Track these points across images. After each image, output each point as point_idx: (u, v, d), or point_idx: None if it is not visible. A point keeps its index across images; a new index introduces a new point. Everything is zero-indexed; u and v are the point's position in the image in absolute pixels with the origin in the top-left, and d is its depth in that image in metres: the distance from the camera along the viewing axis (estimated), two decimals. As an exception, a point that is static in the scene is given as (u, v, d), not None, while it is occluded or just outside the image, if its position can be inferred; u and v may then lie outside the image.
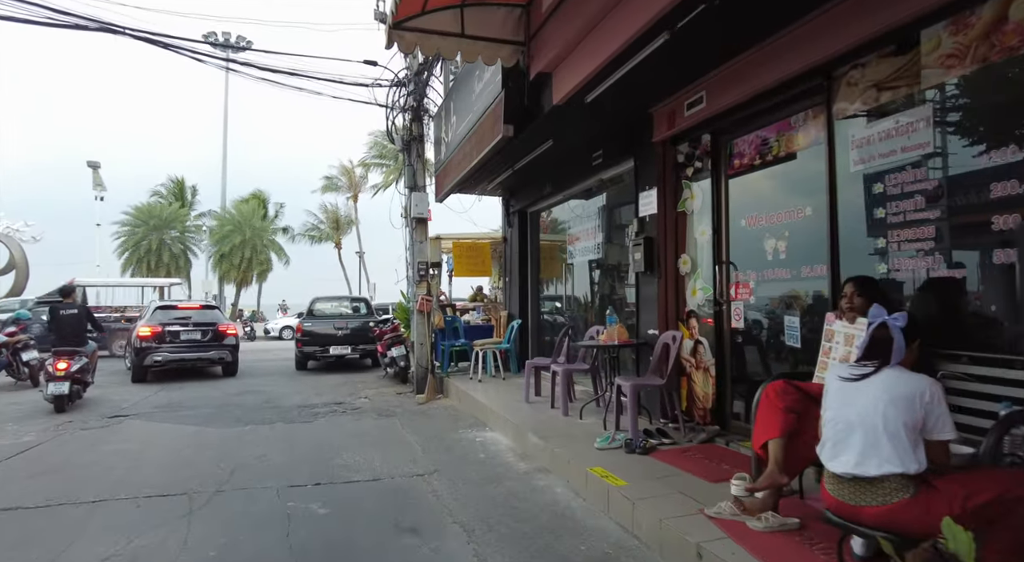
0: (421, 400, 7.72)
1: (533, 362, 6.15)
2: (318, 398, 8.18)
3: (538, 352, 8.54)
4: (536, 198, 7.95)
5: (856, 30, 3.05)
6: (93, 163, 23.00)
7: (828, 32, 3.20)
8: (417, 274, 8.24)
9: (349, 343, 11.24)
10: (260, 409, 7.34)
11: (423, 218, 8.21)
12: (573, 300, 7.80)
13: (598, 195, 6.65)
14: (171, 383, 10.11)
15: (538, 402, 6.09)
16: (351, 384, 9.60)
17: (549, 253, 8.55)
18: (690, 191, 4.79)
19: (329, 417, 6.80)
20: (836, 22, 3.15)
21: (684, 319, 4.85)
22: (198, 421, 6.56)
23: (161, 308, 10.87)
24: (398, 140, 8.26)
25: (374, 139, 36.10)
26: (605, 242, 6.38)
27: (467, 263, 9.35)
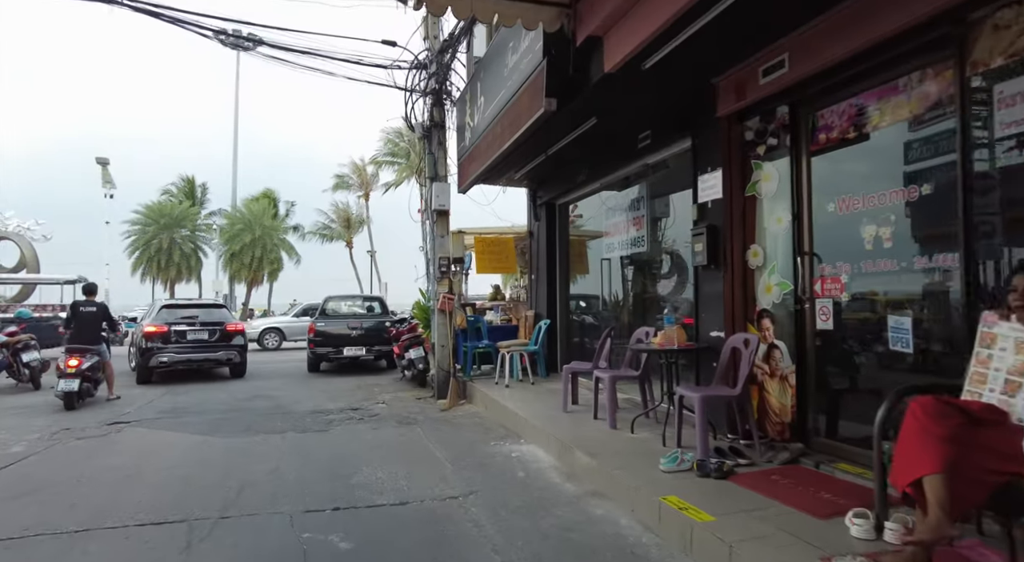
0: (443, 406, 7.15)
1: (571, 367, 5.55)
2: (332, 403, 7.63)
3: (567, 355, 7.94)
4: (567, 188, 7.35)
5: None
6: (102, 160, 22.72)
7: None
8: (438, 270, 7.67)
9: (363, 344, 10.71)
10: (270, 416, 6.81)
11: (444, 210, 7.64)
12: (607, 299, 7.19)
13: (637, 184, 6.03)
14: (177, 385, 9.66)
15: (577, 412, 5.49)
16: (366, 388, 9.06)
17: (579, 248, 7.95)
18: (762, 172, 4.17)
19: (345, 425, 6.24)
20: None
21: (754, 319, 4.23)
22: (204, 429, 6.03)
23: (167, 307, 10.44)
24: (417, 127, 7.69)
25: (386, 136, 35.73)
26: (647, 235, 5.76)
27: (490, 259, 8.77)
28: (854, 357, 3.64)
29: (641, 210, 5.86)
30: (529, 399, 6.26)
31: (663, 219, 5.64)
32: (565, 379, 5.48)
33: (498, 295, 11.02)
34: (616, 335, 6.63)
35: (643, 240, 5.81)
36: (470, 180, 7.03)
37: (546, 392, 6.68)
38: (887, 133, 3.36)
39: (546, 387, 7.03)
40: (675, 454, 3.64)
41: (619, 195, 6.42)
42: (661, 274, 5.76)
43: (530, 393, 6.68)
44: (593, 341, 7.64)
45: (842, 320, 3.65)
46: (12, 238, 28.71)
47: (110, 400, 7.95)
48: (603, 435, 4.55)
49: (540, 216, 8.12)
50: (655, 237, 5.69)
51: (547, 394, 6.54)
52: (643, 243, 5.82)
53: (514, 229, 9.29)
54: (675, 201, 5.52)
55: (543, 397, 6.36)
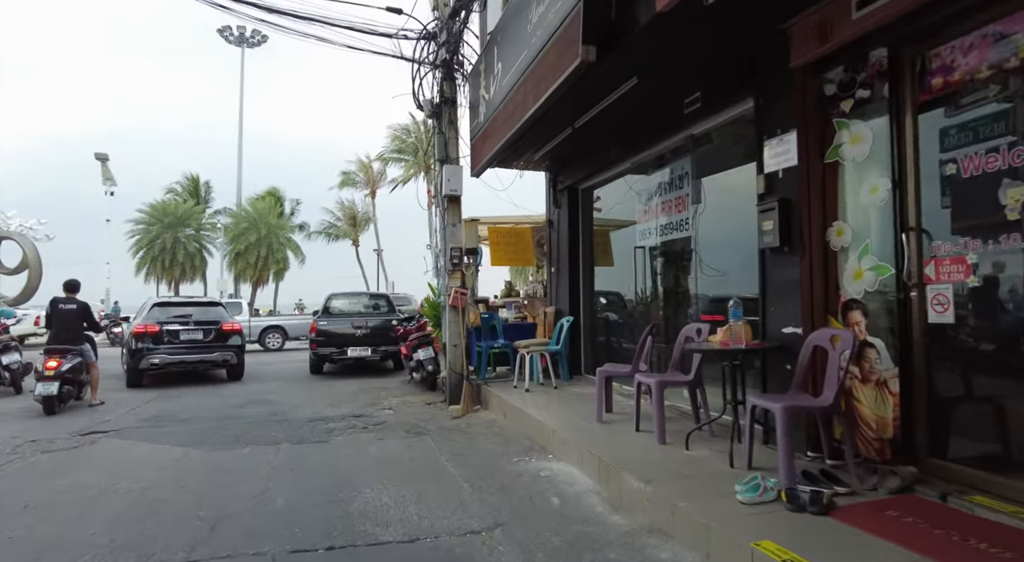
0: (456, 412, 6.43)
1: (605, 370, 4.81)
2: (333, 409, 6.94)
3: (592, 356, 7.20)
4: (592, 170, 6.60)
5: None
6: (101, 155, 22.21)
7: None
8: (449, 263, 6.95)
9: (369, 344, 10.02)
10: (265, 424, 6.12)
11: (456, 195, 6.92)
12: (639, 293, 6.44)
13: (679, 160, 5.27)
14: (169, 388, 9.02)
15: (614, 422, 4.75)
16: (371, 391, 8.36)
17: (602, 238, 7.21)
18: (848, 132, 3.41)
19: (347, 435, 5.54)
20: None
21: (838, 312, 3.47)
22: (188, 440, 5.34)
23: (159, 305, 9.79)
24: (426, 105, 6.98)
25: (393, 133, 35.15)
26: (691, 218, 5.01)
27: (505, 250, 8.05)
28: (983, 358, 2.88)
29: (684, 190, 5.11)
30: (554, 406, 5.53)
31: (711, 199, 4.88)
32: (600, 384, 4.74)
33: (512, 291, 10.30)
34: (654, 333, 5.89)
35: (686, 223, 5.06)
36: (485, 161, 6.31)
37: (572, 398, 5.94)
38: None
39: (571, 392, 6.29)
40: (754, 481, 2.90)
41: (654, 175, 5.67)
42: (698, 264, 5.00)
43: (554, 399, 5.95)
44: (621, 340, 6.91)
45: (968, 311, 2.89)
46: (14, 238, 28.36)
47: (93, 405, 7.39)
48: (652, 452, 3.80)
49: (561, 203, 7.38)
50: (702, 219, 4.93)
51: (574, 400, 5.80)
52: (686, 227, 5.06)
53: (531, 218, 8.56)
54: (727, 178, 4.77)
55: (570, 403, 5.62)
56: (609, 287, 7.31)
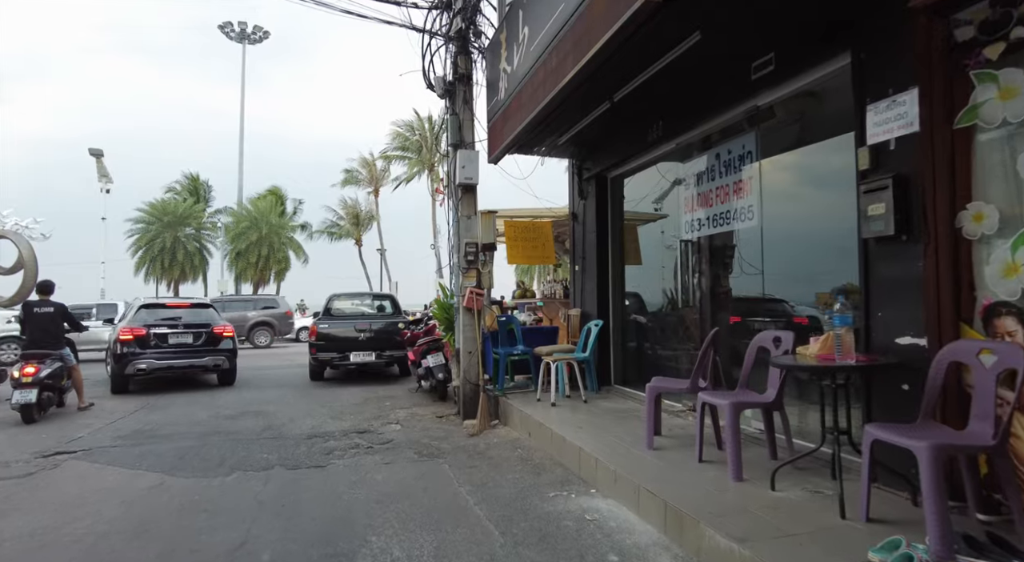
0: (472, 429, 5.69)
1: (656, 385, 4.04)
2: (335, 423, 6.20)
3: (623, 364, 6.45)
4: (627, 154, 5.84)
5: None
6: (96, 151, 21.54)
7: None
8: (464, 260, 6.21)
9: (373, 348, 9.29)
10: (256, 441, 5.39)
11: (472, 184, 6.17)
12: (683, 292, 5.68)
13: (735, 140, 4.51)
14: (157, 395, 8.40)
15: (668, 448, 3.99)
16: (377, 401, 7.63)
17: (630, 233, 6.46)
18: (996, 87, 2.65)
19: (349, 457, 4.81)
20: None
21: (973, 318, 2.71)
22: (166, 464, 4.61)
23: (146, 307, 9.10)
24: (437, 83, 6.23)
25: (396, 130, 34.47)
26: (756, 205, 4.24)
27: (523, 247, 7.30)
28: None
29: (743, 172, 4.35)
30: (588, 425, 4.77)
31: (781, 182, 4.13)
32: (650, 402, 3.97)
33: (526, 292, 9.55)
34: (693, 340, 5.15)
35: (746, 212, 4.29)
36: (505, 144, 5.56)
37: (607, 415, 5.19)
38: None
39: (603, 407, 5.53)
40: (897, 547, 2.14)
41: (702, 158, 4.91)
42: (774, 256, 4.24)
43: (585, 415, 5.19)
44: (657, 348, 6.16)
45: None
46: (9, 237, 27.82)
47: (82, 409, 7.05)
48: (729, 493, 3.04)
49: (587, 193, 6.62)
50: (768, 207, 4.16)
51: (610, 418, 5.05)
52: (746, 215, 4.29)
53: (552, 211, 7.81)
54: (803, 157, 4.02)
55: (607, 422, 4.87)
56: (640, 287, 6.55)
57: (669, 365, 5.91)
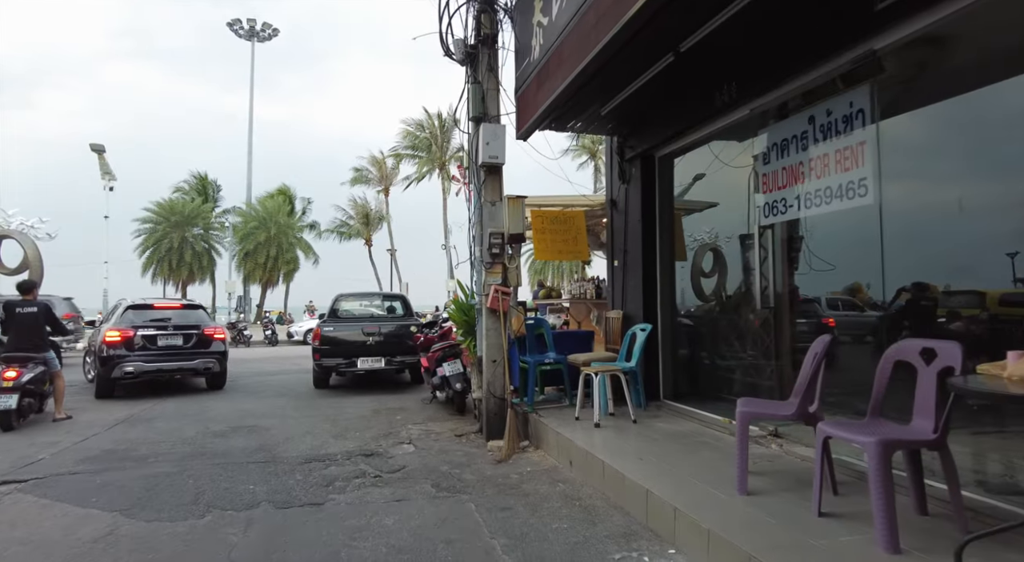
0: (498, 452, 4.79)
1: (750, 409, 3.10)
2: (337, 443, 5.34)
3: (673, 375, 5.52)
4: (683, 127, 4.91)
5: None
6: (97, 147, 20.94)
7: None
8: (487, 253, 5.31)
9: (382, 354, 8.43)
10: (244, 467, 4.53)
11: (497, 165, 5.28)
12: (756, 292, 4.74)
13: (839, 97, 3.56)
14: (145, 402, 7.72)
15: (764, 492, 3.05)
16: (386, 414, 6.76)
17: (679, 222, 5.53)
18: None
19: (352, 491, 3.94)
20: None
21: None
22: (127, 499, 3.76)
23: (133, 308, 8.39)
24: (457, 47, 5.36)
25: (406, 128, 33.80)
26: (870, 178, 3.30)
27: (552, 240, 6.39)
28: None
29: (852, 137, 3.40)
30: (648, 455, 3.85)
31: (908, 148, 3.19)
32: (742, 431, 3.03)
33: (552, 292, 8.65)
34: (764, 348, 4.23)
35: (859, 187, 3.35)
36: (541, 111, 4.66)
37: (667, 440, 4.26)
38: None
39: (659, 429, 4.60)
40: None
41: (787, 124, 3.97)
42: (900, 245, 3.30)
43: (639, 440, 4.27)
44: (716, 357, 5.23)
45: None
46: (14, 237, 27.40)
47: (58, 420, 6.43)
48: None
49: (630, 175, 5.71)
50: (890, 181, 3.22)
51: (672, 445, 4.12)
52: (858, 190, 3.35)
53: (589, 199, 6.88)
54: (939, 112, 3.09)
55: (669, 451, 3.94)
56: (689, 284, 5.61)
57: (732, 378, 4.98)
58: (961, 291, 3.19)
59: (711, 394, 5.13)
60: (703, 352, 5.42)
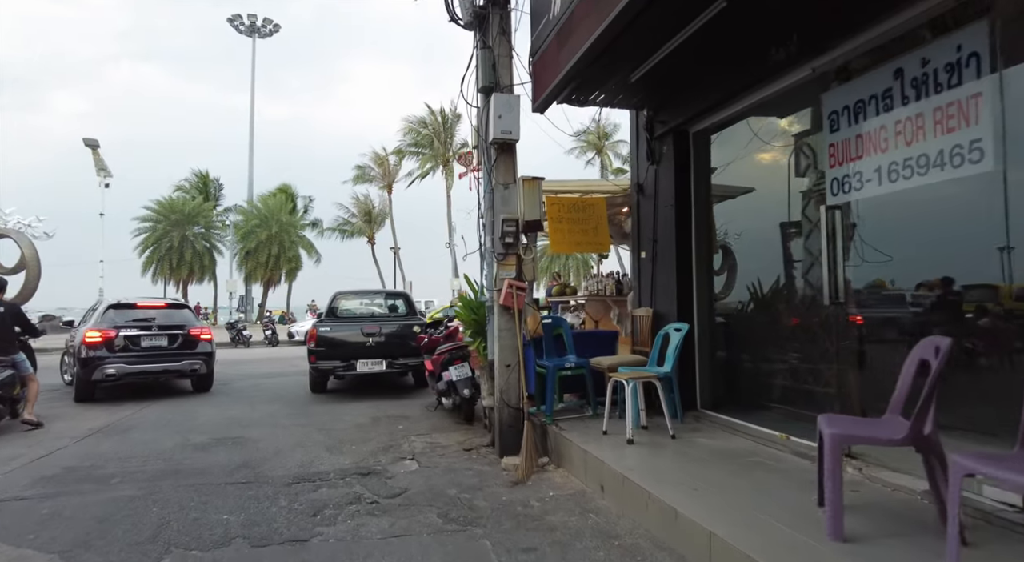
0: (515, 472, 4.15)
1: (843, 433, 2.41)
2: (331, 458, 4.72)
3: (712, 382, 4.85)
4: (726, 95, 4.24)
5: None
6: (91, 141, 20.40)
7: None
8: (500, 243, 4.67)
9: (383, 355, 7.81)
10: (222, 489, 3.91)
11: (511, 141, 4.63)
12: (806, 285, 4.08)
13: (936, 43, 2.90)
14: (125, 406, 7.18)
15: (865, 538, 2.37)
16: (387, 423, 6.13)
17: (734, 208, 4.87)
18: None
19: (345, 522, 3.31)
20: None
21: None
22: (72, 535, 3.14)
23: (115, 307, 7.84)
24: (464, 8, 4.71)
25: (408, 125, 33.20)
26: (982, 143, 2.63)
27: (570, 230, 5.73)
28: None
29: (961, 91, 2.73)
30: (699, 481, 3.19)
31: None
32: (834, 459, 2.36)
33: (566, 288, 7.99)
34: (822, 350, 3.58)
35: (970, 151, 2.67)
36: (562, 76, 4.01)
37: (716, 461, 3.60)
38: None
39: (703, 447, 3.94)
40: None
41: (865, 82, 3.30)
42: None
43: (682, 461, 3.61)
44: (760, 362, 4.57)
45: None
46: (11, 236, 26.96)
47: (26, 423, 5.96)
48: None
49: (660, 155, 5.04)
50: (1016, 141, 2.55)
51: (724, 468, 3.46)
52: (970, 156, 2.67)
53: (609, 184, 6.22)
54: None
55: (721, 476, 3.28)
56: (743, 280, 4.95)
57: (781, 384, 4.32)
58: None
59: (756, 403, 4.47)
60: (745, 355, 4.75)
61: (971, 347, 3.01)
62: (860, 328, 3.69)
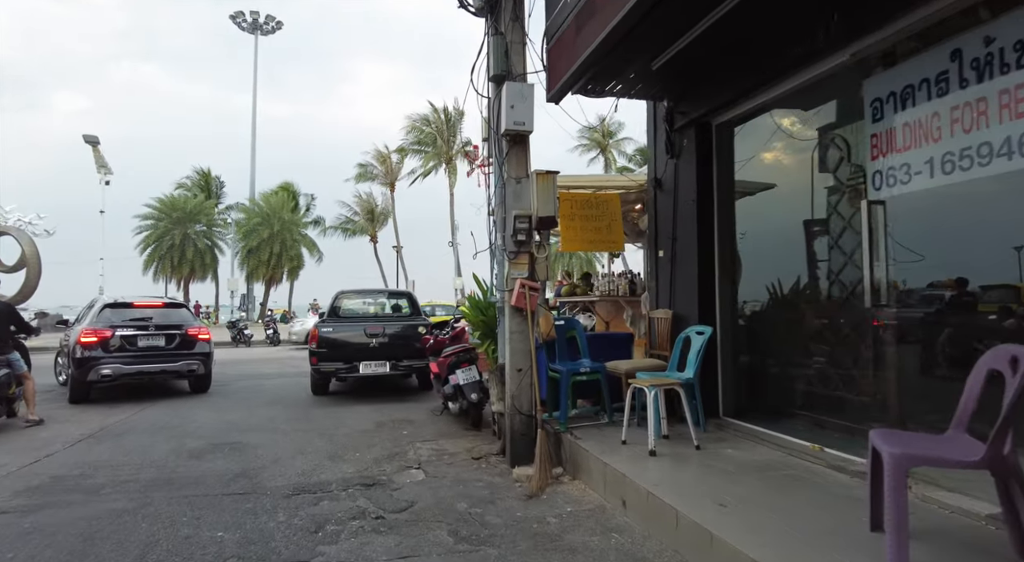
0: (528, 485, 3.90)
1: (907, 452, 2.16)
2: (333, 467, 4.48)
3: (735, 388, 4.60)
4: (755, 83, 3.98)
5: None
6: (91, 138, 20.20)
7: None
8: (512, 241, 4.41)
9: (387, 357, 7.57)
10: (217, 501, 3.66)
11: (523, 133, 4.38)
12: (836, 285, 3.82)
13: (994, 25, 2.64)
14: (121, 408, 6.98)
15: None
16: (391, 428, 5.89)
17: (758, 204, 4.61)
18: None
19: (348, 539, 3.07)
20: None
21: None
22: (57, 553, 2.91)
23: (111, 306, 7.63)
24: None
25: (411, 123, 32.93)
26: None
27: (582, 227, 5.49)
28: None
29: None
30: (731, 497, 2.94)
31: None
32: (898, 482, 2.11)
33: (576, 288, 7.74)
34: (856, 354, 3.33)
35: None
36: (580, 63, 3.74)
37: (747, 474, 3.34)
38: None
39: (730, 458, 3.68)
40: None
41: (915, 65, 3.04)
42: None
43: (713, 476, 3.36)
44: (786, 366, 4.32)
45: None
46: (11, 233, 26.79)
47: (30, 422, 6.00)
48: None
49: (680, 148, 4.79)
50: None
51: (757, 482, 3.20)
52: None
53: (624, 179, 5.96)
54: None
55: (756, 493, 3.03)
56: (754, 279, 4.69)
57: (809, 390, 4.06)
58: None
59: (782, 411, 4.22)
60: (770, 359, 4.50)
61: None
62: (902, 332, 3.43)
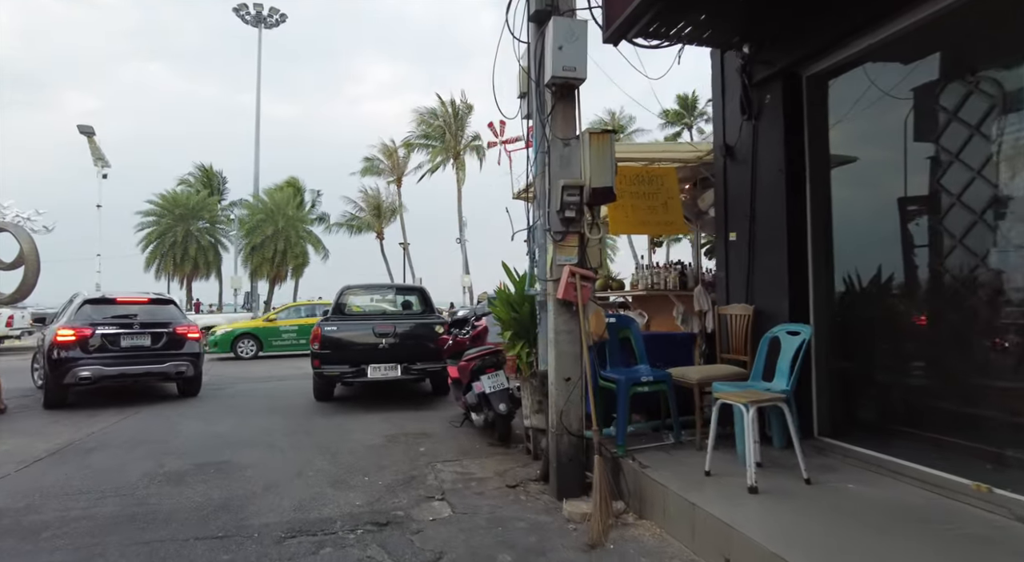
0: (583, 524, 3.04)
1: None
2: (338, 495, 3.63)
3: (831, 400, 3.70)
4: (866, 18, 3.09)
5: None
6: (86, 129, 19.47)
7: None
8: (559, 218, 3.55)
9: (398, 359, 6.74)
10: (182, 551, 2.82)
11: (572, 81, 3.50)
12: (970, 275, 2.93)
13: None
14: (102, 415, 6.23)
15: None
16: (405, 442, 5.06)
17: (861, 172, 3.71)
18: None
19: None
20: None
21: None
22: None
23: (91, 302, 6.89)
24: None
25: (419, 116, 32.10)
26: None
27: (633, 207, 4.62)
28: None
29: None
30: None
31: None
32: None
33: (611, 281, 6.87)
34: None
35: None
36: None
37: (899, 525, 2.46)
38: None
39: (861, 498, 2.80)
40: None
41: None
42: None
43: (851, 526, 2.48)
44: (905, 374, 3.41)
45: None
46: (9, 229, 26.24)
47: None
48: None
49: (760, 107, 3.90)
50: None
51: (920, 542, 2.32)
52: None
53: (685, 148, 5.07)
54: None
55: (921, 556, 2.15)
56: (854, 268, 3.79)
57: (930, 404, 3.18)
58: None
59: (896, 430, 3.34)
60: (875, 365, 3.60)
61: None
62: None
